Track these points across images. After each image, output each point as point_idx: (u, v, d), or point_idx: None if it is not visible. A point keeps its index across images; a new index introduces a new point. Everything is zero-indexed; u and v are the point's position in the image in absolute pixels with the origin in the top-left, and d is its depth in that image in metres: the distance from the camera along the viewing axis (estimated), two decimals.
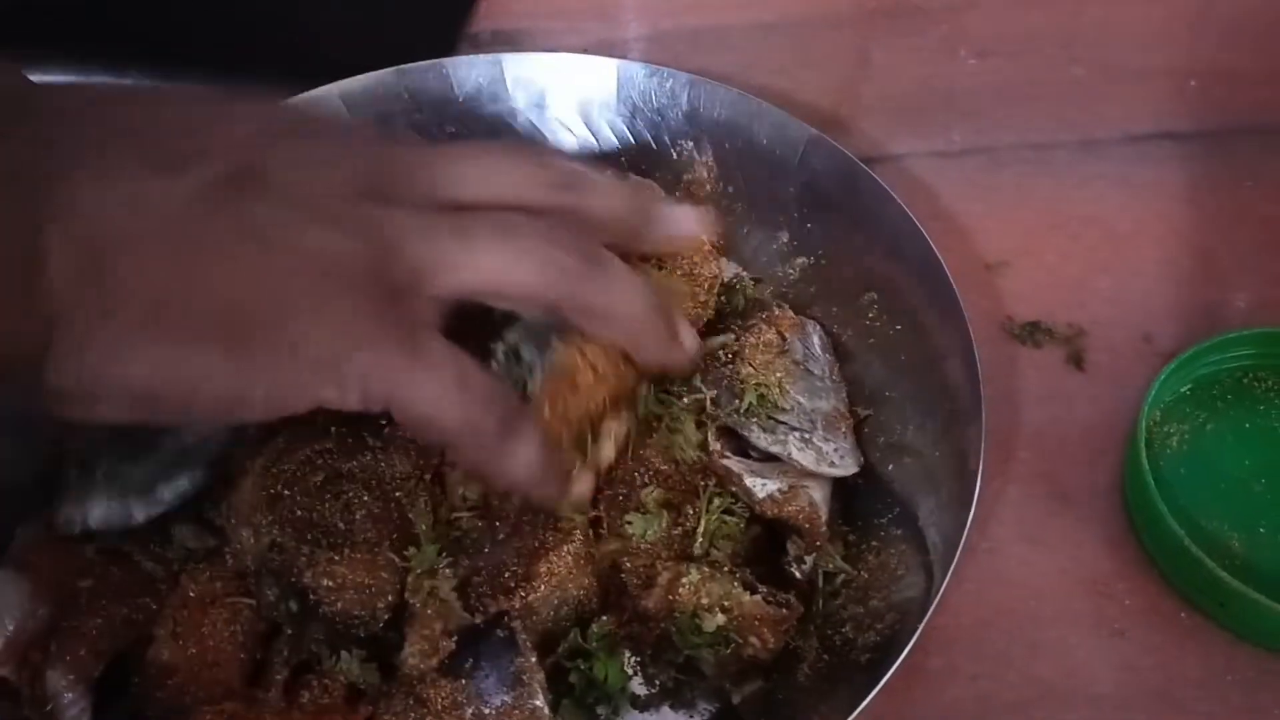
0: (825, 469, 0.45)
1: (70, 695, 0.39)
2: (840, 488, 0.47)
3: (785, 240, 0.54)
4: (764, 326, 0.49)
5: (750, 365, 0.47)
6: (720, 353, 0.48)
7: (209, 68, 0.88)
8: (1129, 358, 0.52)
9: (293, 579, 0.41)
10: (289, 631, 0.41)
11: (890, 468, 0.47)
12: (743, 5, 0.71)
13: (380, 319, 0.32)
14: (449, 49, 0.69)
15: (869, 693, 0.36)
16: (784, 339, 0.49)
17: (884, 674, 0.36)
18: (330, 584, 0.40)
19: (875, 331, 0.50)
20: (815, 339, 0.50)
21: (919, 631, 0.37)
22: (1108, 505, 0.48)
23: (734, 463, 0.44)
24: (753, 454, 0.45)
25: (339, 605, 0.40)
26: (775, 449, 0.45)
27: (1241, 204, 0.59)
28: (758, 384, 0.46)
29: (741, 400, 0.45)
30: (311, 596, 0.40)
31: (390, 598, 0.41)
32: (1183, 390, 0.50)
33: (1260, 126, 0.63)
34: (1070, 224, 0.58)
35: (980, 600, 0.45)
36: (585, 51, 0.68)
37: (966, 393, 0.44)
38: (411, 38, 0.68)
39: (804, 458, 0.45)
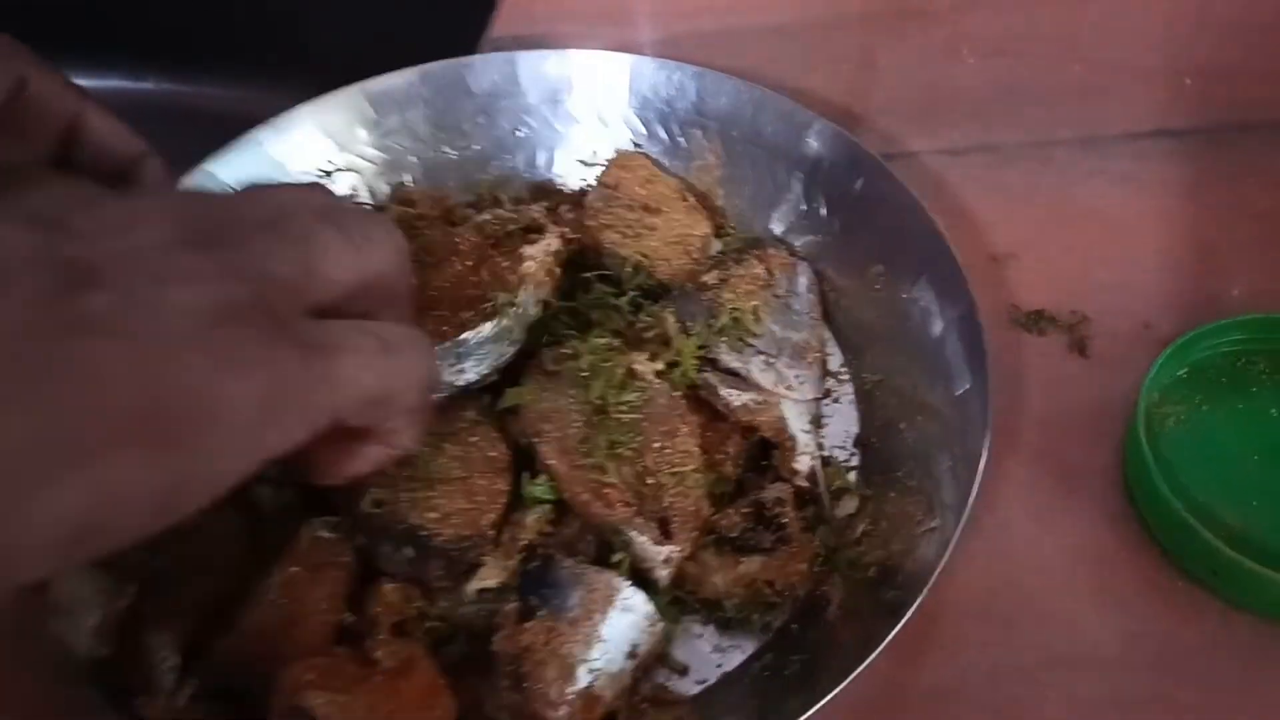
0: (782, 390, 0.50)
1: (164, 653, 0.42)
2: (861, 448, 0.51)
3: (791, 220, 0.57)
4: (755, 261, 0.54)
5: (733, 291, 0.51)
6: (706, 279, 0.52)
7: (230, 71, 0.91)
8: (1129, 344, 0.55)
9: (400, 525, 0.44)
10: (402, 576, 0.45)
11: (903, 426, 0.50)
12: (753, 9, 0.73)
13: (279, 342, 0.30)
14: (469, 54, 0.71)
15: (892, 630, 0.39)
16: (771, 275, 0.54)
17: (904, 614, 0.40)
18: (435, 515, 0.44)
19: (882, 301, 0.53)
20: (803, 280, 0.55)
21: (938, 572, 0.41)
22: (1109, 483, 0.50)
23: (713, 375, 0.49)
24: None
25: (449, 533, 0.43)
26: (737, 366, 0.49)
27: (1238, 198, 0.61)
28: (734, 308, 0.51)
29: (716, 320, 0.50)
30: (422, 533, 0.43)
31: (493, 515, 0.44)
32: (1179, 374, 0.53)
33: (1256, 123, 0.65)
34: (1073, 218, 0.61)
35: (990, 573, 0.48)
36: None
37: (971, 354, 0.48)
38: (433, 44, 0.71)
39: (764, 378, 0.50)
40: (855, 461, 0.51)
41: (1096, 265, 0.58)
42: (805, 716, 0.39)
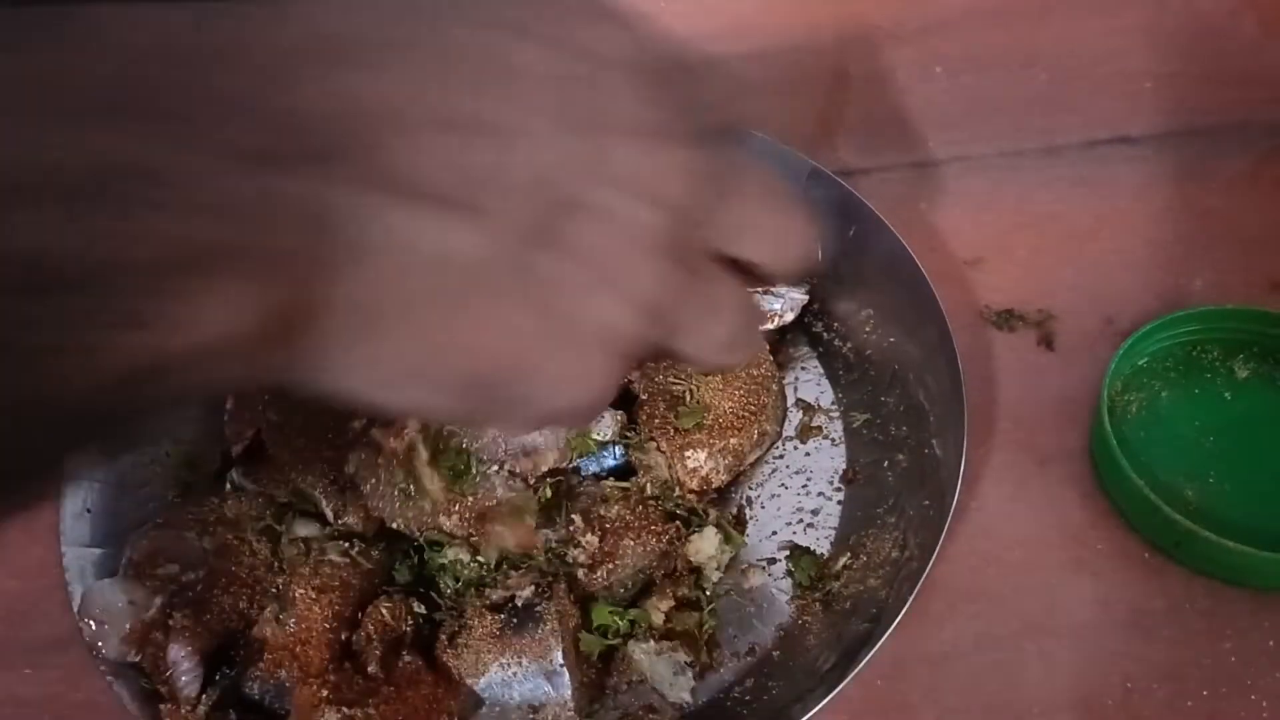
0: None
1: (186, 665, 0.46)
2: (844, 485, 0.55)
3: None
4: None
5: None
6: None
7: None
8: (1093, 337, 0.59)
9: (414, 541, 0.49)
10: (400, 594, 0.49)
11: (885, 465, 0.54)
12: (734, 37, 0.77)
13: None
14: None
15: (860, 662, 0.44)
16: None
17: (870, 649, 0.44)
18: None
19: (872, 344, 0.57)
20: None
21: (906, 608, 0.45)
22: (1078, 466, 0.55)
23: None
24: None
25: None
26: None
27: (1188, 199, 0.66)
28: None
29: None
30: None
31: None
32: (1140, 363, 0.57)
33: (1204, 129, 0.70)
34: (1037, 222, 0.65)
35: (973, 551, 0.52)
36: None
37: (949, 398, 0.51)
38: None
39: None
40: (840, 497, 0.54)
41: (1061, 266, 0.63)
42: None
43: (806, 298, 0.58)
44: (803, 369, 0.59)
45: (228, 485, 0.53)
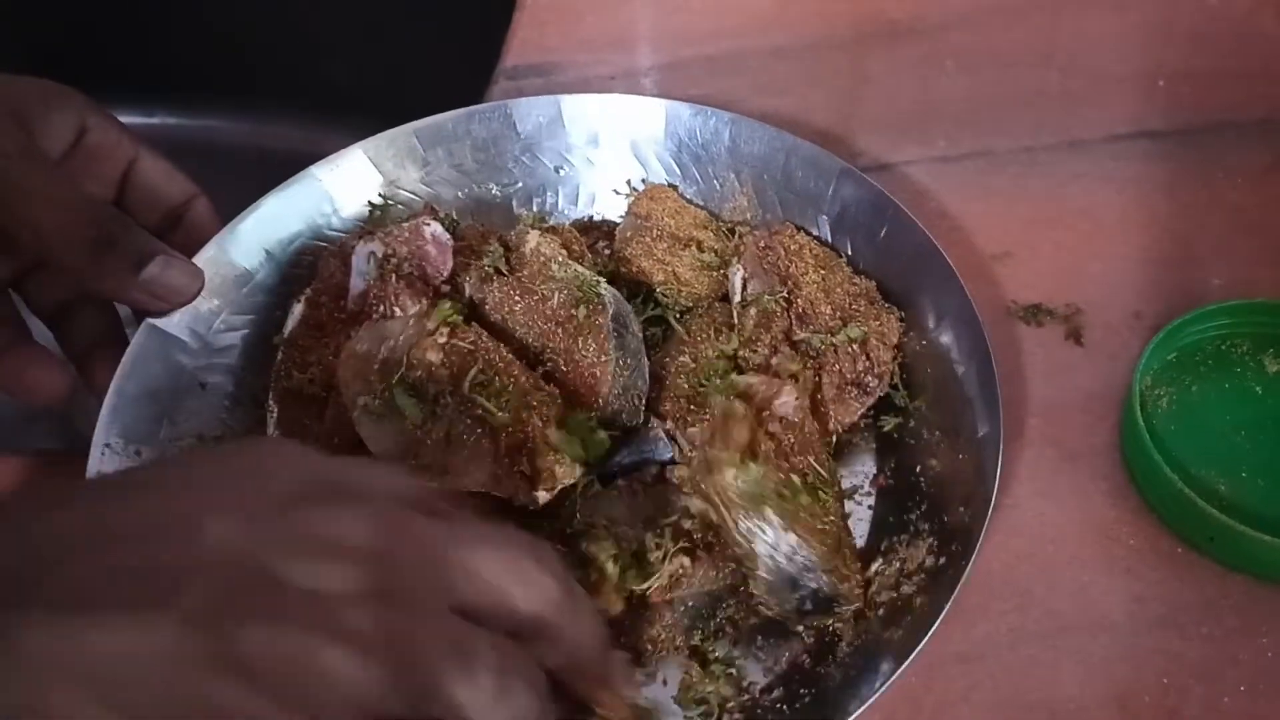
0: None
1: None
2: (875, 490, 0.54)
3: None
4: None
5: None
6: None
7: (238, 111, 0.95)
8: (1122, 332, 0.59)
9: None
10: None
11: (917, 469, 0.52)
12: (752, 33, 0.77)
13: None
14: (484, 84, 0.75)
15: (902, 663, 0.42)
16: None
17: (906, 659, 0.43)
18: None
19: (905, 348, 0.55)
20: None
21: (940, 620, 0.43)
22: (1109, 461, 0.55)
23: None
24: None
25: None
26: None
27: (1213, 193, 0.66)
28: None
29: None
30: None
31: None
32: (1169, 358, 0.57)
33: (1226, 123, 0.70)
34: (1062, 217, 0.65)
35: (1005, 549, 0.52)
36: (611, 79, 0.75)
37: (983, 399, 0.50)
38: (449, 75, 0.74)
39: None
40: (870, 502, 0.53)
41: (1087, 260, 0.62)
42: None
43: None
44: None
45: None
